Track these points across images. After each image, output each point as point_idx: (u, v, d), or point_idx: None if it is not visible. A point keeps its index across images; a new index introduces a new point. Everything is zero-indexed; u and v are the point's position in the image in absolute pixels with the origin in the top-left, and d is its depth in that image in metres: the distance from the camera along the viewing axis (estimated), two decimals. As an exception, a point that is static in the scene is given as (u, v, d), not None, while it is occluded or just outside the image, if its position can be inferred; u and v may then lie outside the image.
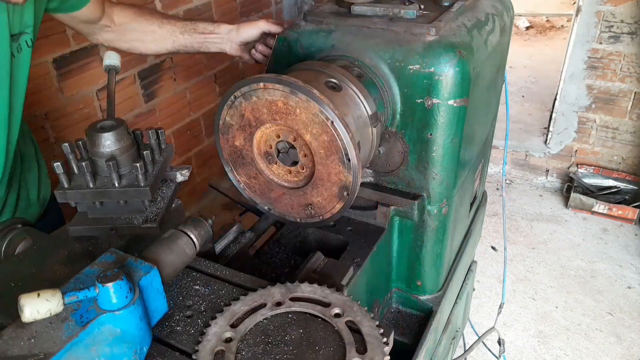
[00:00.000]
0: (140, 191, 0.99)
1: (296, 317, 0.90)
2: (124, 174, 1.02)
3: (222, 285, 0.99)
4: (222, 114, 1.21)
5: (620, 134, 3.61)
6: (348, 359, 0.80)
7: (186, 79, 3.20)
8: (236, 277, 1.02)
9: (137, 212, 1.04)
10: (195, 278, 1.02)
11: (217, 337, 0.86)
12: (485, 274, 3.22)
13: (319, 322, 0.89)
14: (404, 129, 1.25)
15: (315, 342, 0.85)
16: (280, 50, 1.35)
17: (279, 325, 0.88)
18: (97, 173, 1.01)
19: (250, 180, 1.28)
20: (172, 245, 1.01)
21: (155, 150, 1.07)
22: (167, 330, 0.90)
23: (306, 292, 0.94)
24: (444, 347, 1.72)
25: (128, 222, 1.03)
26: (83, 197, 1.00)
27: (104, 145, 0.99)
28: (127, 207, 1.03)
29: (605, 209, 3.59)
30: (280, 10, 3.98)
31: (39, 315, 0.71)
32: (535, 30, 7.04)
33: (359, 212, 1.37)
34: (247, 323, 0.88)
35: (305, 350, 0.83)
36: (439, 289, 1.54)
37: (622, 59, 3.38)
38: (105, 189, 0.99)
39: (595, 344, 2.73)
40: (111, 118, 1.05)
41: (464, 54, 1.16)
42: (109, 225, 1.03)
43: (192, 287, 1.00)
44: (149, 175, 1.01)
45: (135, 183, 0.99)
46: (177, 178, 1.11)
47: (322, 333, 0.86)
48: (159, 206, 1.06)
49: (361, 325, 0.87)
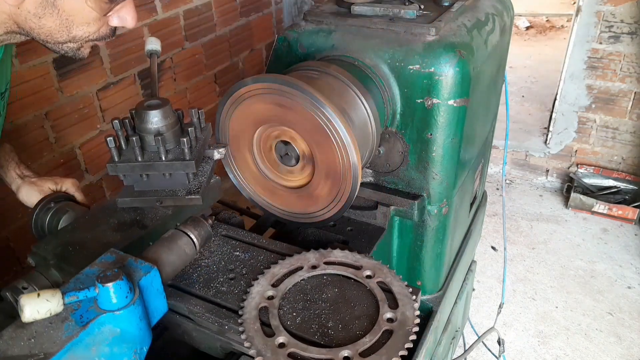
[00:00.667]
0: (186, 164, 1.06)
1: (331, 278, 0.99)
2: (170, 149, 1.08)
3: (260, 252, 1.09)
4: (222, 114, 1.21)
5: (620, 134, 3.61)
6: (382, 314, 0.89)
7: (186, 79, 3.20)
8: (272, 244, 1.11)
9: (180, 185, 1.11)
10: (235, 246, 1.11)
11: (261, 295, 0.95)
12: (485, 274, 3.22)
13: (352, 283, 0.98)
14: (404, 129, 1.25)
15: (350, 300, 0.93)
16: (280, 50, 1.35)
17: (315, 285, 0.98)
18: (145, 149, 1.08)
19: (250, 180, 1.28)
20: (172, 245, 1.02)
21: (197, 128, 1.12)
22: (213, 291, 0.99)
23: (339, 257, 1.03)
24: (444, 347, 1.72)
25: (173, 194, 1.10)
26: (132, 170, 1.07)
27: (152, 122, 1.05)
28: (171, 180, 1.10)
29: (605, 209, 3.59)
30: (280, 10, 3.98)
31: (39, 315, 0.71)
32: (535, 30, 7.04)
33: (359, 212, 1.37)
34: (287, 283, 0.97)
35: (342, 306, 0.92)
36: (439, 289, 1.54)
37: (622, 59, 3.38)
38: (153, 162, 1.06)
39: (595, 344, 2.73)
40: (156, 97, 1.11)
41: (464, 54, 1.16)
42: (155, 197, 1.10)
43: (232, 254, 1.09)
44: (194, 150, 1.08)
45: (181, 157, 1.06)
46: (215, 155, 1.17)
47: (356, 292, 0.96)
48: (200, 180, 1.12)
49: (392, 285, 0.95)
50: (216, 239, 1.14)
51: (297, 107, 1.07)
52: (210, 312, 0.95)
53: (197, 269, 1.06)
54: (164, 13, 2.89)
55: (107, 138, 1.05)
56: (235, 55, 3.57)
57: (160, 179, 1.10)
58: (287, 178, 1.25)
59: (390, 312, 0.89)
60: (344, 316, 0.90)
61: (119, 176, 1.10)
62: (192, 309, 0.97)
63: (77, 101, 2.47)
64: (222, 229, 1.18)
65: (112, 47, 2.59)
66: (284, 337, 0.86)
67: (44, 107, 2.32)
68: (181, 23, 3.03)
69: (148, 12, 2.77)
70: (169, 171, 1.08)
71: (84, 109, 2.52)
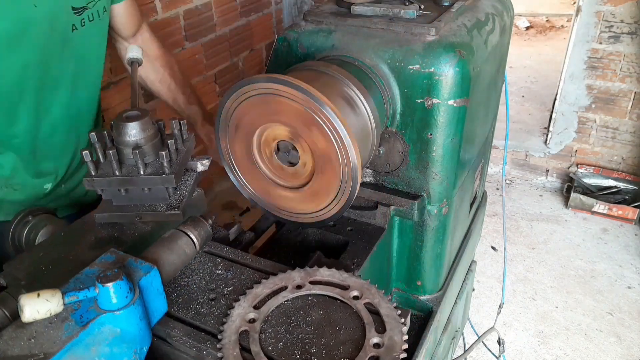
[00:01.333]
0: (165, 179, 1.02)
1: (316, 299, 0.94)
2: (149, 162, 1.05)
3: (244, 270, 1.03)
4: (222, 114, 1.21)
5: (620, 134, 3.61)
6: (368, 338, 0.84)
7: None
8: (256, 262, 1.06)
9: (160, 200, 1.07)
10: (217, 263, 1.06)
11: (241, 318, 0.90)
12: (485, 274, 3.22)
13: (339, 304, 0.93)
14: (404, 129, 1.25)
15: (335, 323, 0.89)
16: (280, 50, 1.35)
17: (300, 306, 0.93)
18: (123, 162, 1.05)
19: (250, 179, 1.28)
20: (172, 245, 1.02)
21: (178, 140, 1.10)
22: (192, 312, 0.94)
23: (325, 275, 0.98)
24: (444, 347, 1.72)
25: (152, 209, 1.07)
26: (110, 184, 1.04)
27: (130, 134, 1.02)
28: (151, 195, 1.06)
29: (605, 209, 3.59)
30: (280, 10, 3.98)
31: (39, 315, 0.71)
32: (535, 30, 7.04)
33: (359, 212, 1.37)
34: (270, 304, 0.92)
35: (326, 329, 0.87)
36: (439, 289, 1.54)
37: (622, 59, 3.38)
38: (131, 176, 1.03)
39: (595, 344, 2.73)
40: (136, 108, 1.08)
41: (464, 54, 1.16)
42: (134, 212, 1.07)
43: (214, 272, 1.04)
44: (174, 164, 1.05)
45: (160, 171, 1.03)
46: (198, 167, 1.14)
47: (342, 314, 0.91)
48: (181, 194, 1.09)
49: (379, 307, 0.91)
50: (197, 256, 1.08)
51: (296, 106, 1.07)
52: (188, 335, 0.90)
53: (176, 288, 1.01)
54: (164, 13, 2.89)
55: (83, 152, 1.02)
56: (235, 55, 3.57)
57: (140, 193, 1.06)
58: (287, 178, 1.25)
59: (377, 337, 0.85)
60: (329, 341, 0.85)
61: (97, 191, 1.06)
62: (169, 331, 0.92)
63: (77, 101, 2.47)
64: (205, 245, 1.12)
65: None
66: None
67: (44, 107, 2.32)
68: (181, 23, 3.03)
69: (148, 12, 2.77)
70: (148, 186, 1.04)
71: (84, 109, 2.52)
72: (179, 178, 1.06)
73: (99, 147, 1.05)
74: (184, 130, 1.13)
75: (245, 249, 1.34)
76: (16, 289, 0.96)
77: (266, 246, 1.35)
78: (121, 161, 1.04)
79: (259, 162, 1.25)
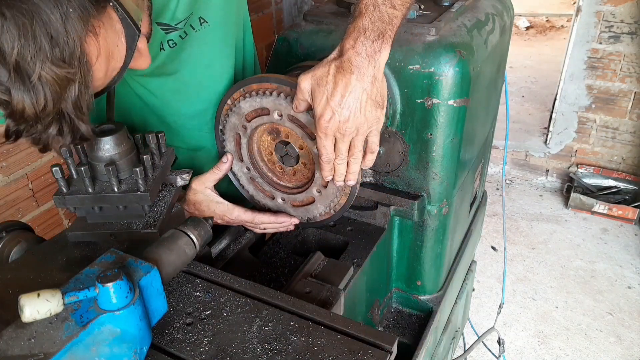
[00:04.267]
0: (140, 196, 0.97)
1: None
2: (124, 178, 1.00)
3: (224, 292, 0.96)
4: (221, 115, 1.21)
5: (620, 134, 3.61)
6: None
7: (186, 79, 3.20)
8: (238, 283, 0.99)
9: (136, 217, 1.02)
10: (196, 284, 0.99)
11: None
12: (485, 274, 3.22)
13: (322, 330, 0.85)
14: (404, 129, 1.25)
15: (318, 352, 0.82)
16: (280, 51, 1.35)
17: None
18: (97, 177, 1.00)
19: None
20: (172, 245, 1.01)
21: (156, 154, 1.05)
22: (167, 338, 0.88)
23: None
24: (444, 347, 1.72)
25: (127, 228, 1.01)
26: (82, 202, 0.99)
27: (104, 150, 0.97)
28: (126, 212, 1.01)
29: (605, 209, 3.59)
30: (280, 10, 3.97)
31: (39, 315, 0.71)
32: (535, 30, 7.04)
33: (359, 212, 1.37)
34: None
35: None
36: (439, 289, 1.54)
37: (622, 59, 3.38)
38: (104, 194, 0.98)
39: (595, 344, 2.73)
40: (111, 122, 1.03)
41: (464, 54, 1.16)
42: (108, 230, 1.01)
43: (192, 294, 0.97)
44: (149, 180, 1.00)
45: (134, 188, 0.98)
46: (178, 182, 1.09)
47: (325, 340, 0.83)
48: (159, 211, 1.04)
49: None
50: (176, 277, 1.01)
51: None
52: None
53: None
54: (164, 13, 2.89)
55: (53, 168, 0.96)
56: (235, 55, 3.57)
57: (115, 210, 1.01)
58: (287, 178, 1.25)
59: None
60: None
61: (69, 209, 1.01)
62: None
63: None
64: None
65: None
66: None
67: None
68: (181, 23, 3.03)
69: (148, 12, 2.76)
70: (122, 203, 0.99)
71: (84, 109, 2.52)
72: (154, 195, 1.00)
73: (71, 163, 0.99)
74: (162, 143, 1.07)
75: (245, 249, 1.34)
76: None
77: (266, 246, 1.35)
78: (94, 177, 0.99)
79: (259, 163, 1.25)
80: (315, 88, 0.94)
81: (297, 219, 1.26)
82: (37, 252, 1.04)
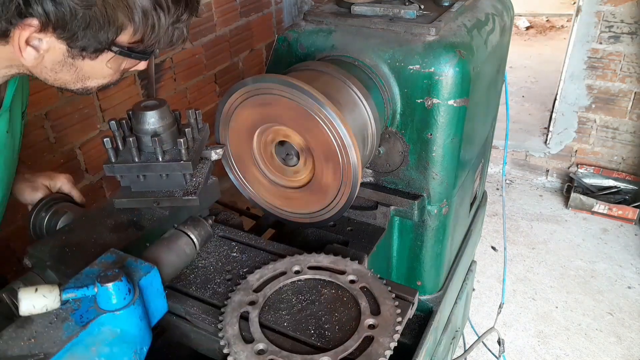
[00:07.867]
0: (183, 165, 1.05)
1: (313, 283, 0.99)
2: (167, 149, 1.08)
3: (258, 253, 1.10)
4: (221, 114, 1.21)
5: (620, 134, 3.61)
6: (362, 320, 0.89)
7: (186, 78, 3.20)
8: (270, 245, 1.11)
9: (177, 186, 1.11)
10: (232, 247, 1.12)
11: (242, 301, 0.94)
12: (485, 274, 3.22)
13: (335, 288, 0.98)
14: (404, 129, 1.25)
15: (331, 306, 0.93)
16: (280, 50, 1.35)
17: (297, 290, 0.98)
18: (142, 149, 1.07)
19: (250, 179, 1.28)
20: (172, 245, 1.02)
21: (195, 129, 1.13)
22: (210, 292, 1.00)
23: (323, 262, 1.03)
24: (444, 347, 1.72)
25: (170, 195, 1.10)
26: (129, 170, 1.07)
27: (149, 123, 1.05)
28: (168, 181, 1.10)
29: (605, 209, 3.59)
30: (280, 10, 3.98)
31: (35, 310, 0.71)
32: (535, 30, 7.03)
33: (359, 212, 1.37)
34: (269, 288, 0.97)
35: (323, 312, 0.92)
36: (439, 289, 1.54)
37: (622, 59, 3.38)
38: (150, 162, 1.06)
39: (595, 344, 2.73)
40: (153, 98, 1.10)
41: (464, 54, 1.16)
42: (152, 197, 1.10)
43: (230, 255, 1.10)
44: (191, 151, 1.08)
45: (178, 158, 1.06)
46: (212, 156, 1.17)
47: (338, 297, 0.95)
48: (197, 181, 1.12)
49: (374, 290, 0.95)
50: (214, 240, 1.14)
51: (296, 107, 1.07)
52: (206, 313, 0.95)
53: (194, 270, 1.06)
54: (164, 13, 2.88)
55: (104, 139, 1.05)
56: (235, 55, 3.57)
57: (158, 179, 1.10)
58: (287, 178, 1.25)
59: (371, 319, 0.89)
60: (325, 323, 0.90)
61: (116, 177, 1.10)
62: (189, 310, 0.96)
63: (77, 101, 2.47)
64: (220, 230, 1.18)
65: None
66: (263, 343, 0.86)
67: (44, 107, 2.32)
68: (181, 23, 3.03)
69: (148, 12, 2.76)
70: (166, 172, 1.07)
71: (84, 109, 2.52)
72: (195, 165, 1.09)
73: (118, 135, 1.08)
74: (199, 120, 1.15)
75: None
76: (41, 270, 1.02)
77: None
78: (140, 148, 1.07)
79: (259, 162, 1.25)
80: None
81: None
82: (87, 218, 1.15)
